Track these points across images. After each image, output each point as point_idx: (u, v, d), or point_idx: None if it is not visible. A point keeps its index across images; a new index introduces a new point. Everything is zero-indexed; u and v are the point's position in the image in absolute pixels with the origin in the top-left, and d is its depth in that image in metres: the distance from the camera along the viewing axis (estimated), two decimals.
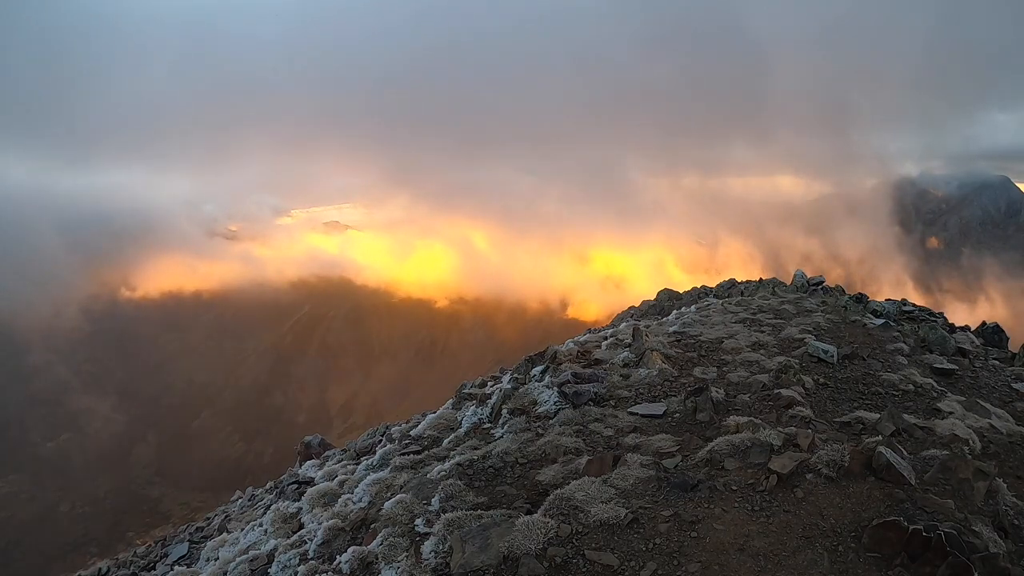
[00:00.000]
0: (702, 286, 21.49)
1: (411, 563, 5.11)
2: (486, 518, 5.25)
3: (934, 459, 5.57)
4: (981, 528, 4.63)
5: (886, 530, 4.44)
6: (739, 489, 5.28)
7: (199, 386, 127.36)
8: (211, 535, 9.90)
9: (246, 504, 11.68)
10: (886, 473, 5.08)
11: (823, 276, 16.26)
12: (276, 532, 7.49)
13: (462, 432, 8.46)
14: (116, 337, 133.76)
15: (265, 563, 6.66)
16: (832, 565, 4.39)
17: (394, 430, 11.07)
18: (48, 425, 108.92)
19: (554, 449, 6.70)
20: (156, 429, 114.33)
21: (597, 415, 7.54)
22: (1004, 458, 6.44)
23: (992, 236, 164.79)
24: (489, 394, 9.59)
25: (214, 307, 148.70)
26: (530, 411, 8.11)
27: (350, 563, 5.48)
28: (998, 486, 5.18)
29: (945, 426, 6.78)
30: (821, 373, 8.66)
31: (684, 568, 4.50)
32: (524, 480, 6.25)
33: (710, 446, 5.95)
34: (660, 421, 7.29)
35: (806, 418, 6.97)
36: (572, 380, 8.52)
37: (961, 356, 10.49)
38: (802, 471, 5.31)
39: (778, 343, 10.15)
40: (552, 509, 5.24)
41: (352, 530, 6.43)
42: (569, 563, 4.65)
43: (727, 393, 7.92)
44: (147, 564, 10.12)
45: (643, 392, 8.26)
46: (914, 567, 4.25)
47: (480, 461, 6.59)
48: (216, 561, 7.49)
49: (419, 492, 6.40)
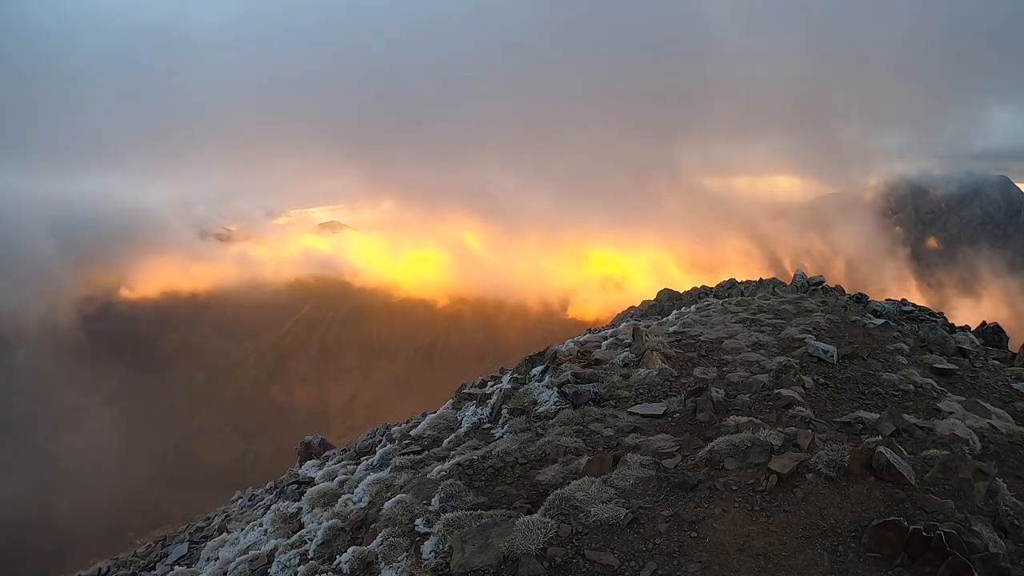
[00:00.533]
0: (702, 286, 21.48)
1: (411, 563, 5.11)
2: (486, 518, 5.25)
3: (934, 459, 5.57)
4: (981, 528, 4.63)
5: (886, 530, 4.44)
6: (739, 489, 5.28)
7: (199, 386, 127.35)
8: (211, 535, 9.90)
9: (246, 504, 11.68)
10: (886, 473, 5.08)
11: (823, 276, 16.26)
12: (276, 532, 7.49)
13: (462, 432, 8.46)
14: (116, 337, 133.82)
15: (265, 563, 6.65)
16: (832, 565, 4.39)
17: (394, 430, 11.07)
18: (48, 425, 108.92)
19: (554, 449, 6.70)
20: (156, 429, 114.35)
21: (597, 415, 7.53)
22: (1004, 458, 6.44)
23: (992, 236, 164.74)
24: (489, 394, 9.59)
25: (214, 307, 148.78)
26: (530, 411, 8.10)
27: (350, 563, 5.48)
28: (998, 486, 5.18)
29: (945, 426, 6.78)
30: (821, 373, 8.66)
31: (684, 568, 4.50)
32: (524, 480, 6.25)
33: (710, 446, 5.95)
34: (660, 421, 7.29)
35: (806, 418, 6.97)
36: (572, 380, 8.52)
37: (961, 356, 10.49)
38: (802, 471, 5.31)
39: (778, 343, 10.15)
40: (552, 509, 5.24)
41: (352, 530, 6.44)
42: (569, 563, 4.65)
43: (727, 393, 7.92)
44: (147, 564, 10.11)
45: (643, 392, 8.26)
46: (914, 567, 4.25)
47: (480, 461, 6.59)
48: (216, 561, 7.48)
49: (419, 492, 6.40)
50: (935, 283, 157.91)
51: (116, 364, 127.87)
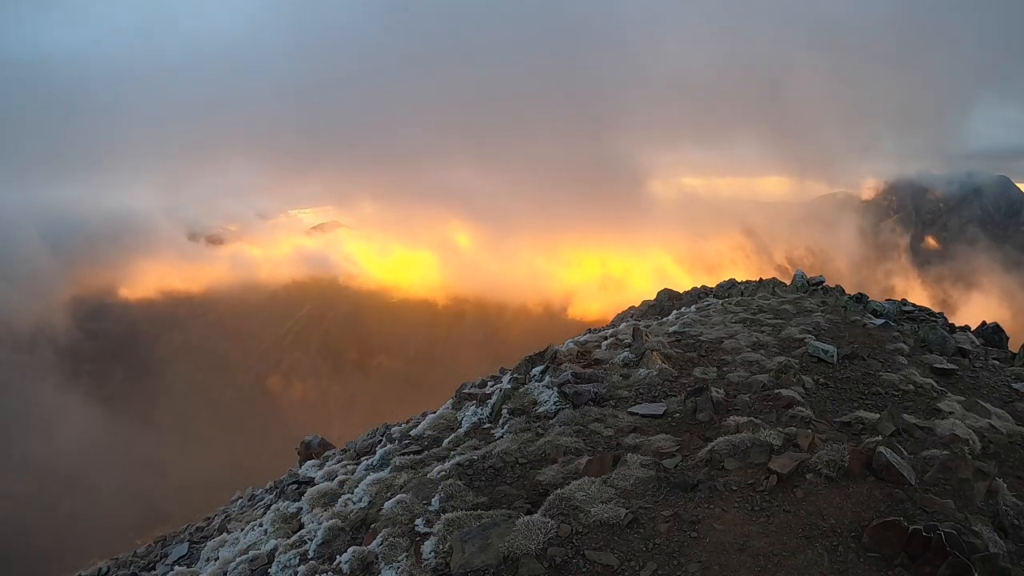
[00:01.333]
0: (702, 286, 21.48)
1: (411, 563, 5.11)
2: (486, 518, 5.24)
3: (934, 459, 5.57)
4: (981, 528, 4.63)
5: (886, 530, 4.44)
6: (739, 489, 5.28)
7: (199, 386, 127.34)
8: (211, 535, 9.89)
9: (246, 504, 11.68)
10: (886, 473, 5.08)
11: (823, 276, 16.26)
12: (276, 532, 7.48)
13: (462, 432, 8.46)
14: (115, 338, 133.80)
15: (265, 563, 6.65)
16: (832, 565, 4.38)
17: (394, 430, 11.07)
18: (47, 425, 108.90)
19: (554, 449, 6.70)
20: (156, 429, 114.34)
21: (597, 415, 7.53)
22: (1004, 458, 6.44)
23: (992, 236, 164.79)
24: (489, 394, 9.59)
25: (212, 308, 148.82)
26: (530, 411, 8.10)
27: (350, 563, 5.47)
28: (998, 486, 5.18)
29: (945, 426, 6.78)
30: (821, 373, 8.66)
31: (684, 568, 4.49)
32: (524, 480, 6.25)
33: (710, 446, 5.95)
34: (660, 421, 7.29)
35: (806, 418, 6.97)
36: (572, 380, 8.51)
37: (961, 356, 10.50)
38: (802, 471, 5.31)
39: (778, 343, 10.15)
40: (552, 509, 5.24)
41: (352, 530, 6.43)
42: (569, 563, 4.65)
43: (727, 393, 7.92)
44: (147, 564, 10.11)
45: (643, 392, 8.26)
46: (914, 567, 4.25)
47: (480, 461, 6.59)
48: (216, 561, 7.48)
49: (419, 492, 6.40)
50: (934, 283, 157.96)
51: (116, 364, 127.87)
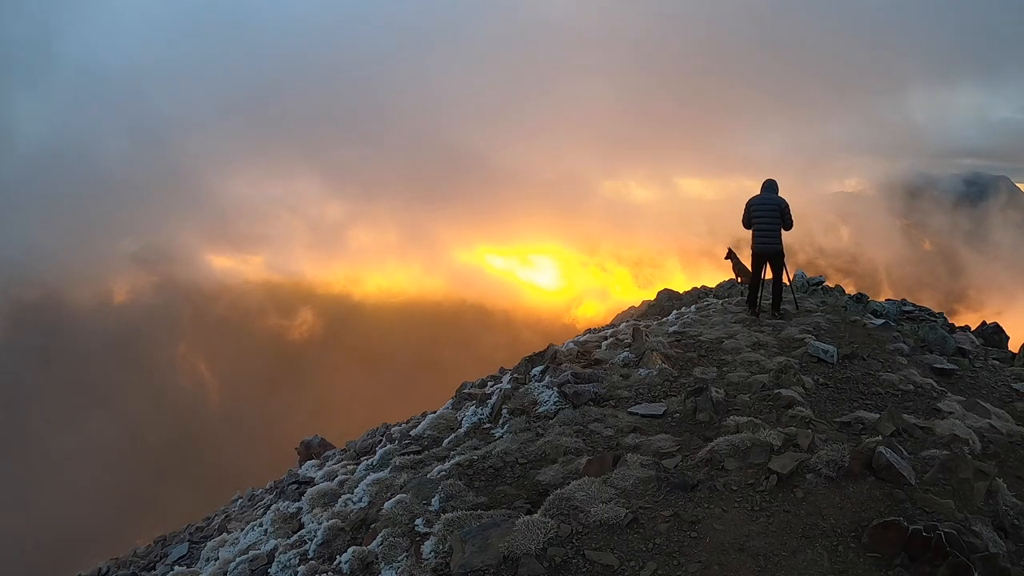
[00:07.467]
0: (702, 286, 21.49)
1: (411, 563, 5.11)
2: (486, 518, 5.24)
3: (934, 459, 5.57)
4: (981, 528, 4.63)
5: (886, 530, 4.45)
6: (739, 489, 5.28)
7: (199, 386, 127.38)
8: (211, 535, 9.89)
9: (246, 504, 11.68)
10: (886, 473, 5.08)
11: (823, 276, 16.28)
12: (276, 532, 7.48)
13: (462, 432, 8.46)
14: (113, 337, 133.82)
15: (265, 563, 6.65)
16: (832, 565, 4.39)
17: (394, 430, 11.07)
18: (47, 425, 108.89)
19: (554, 449, 6.70)
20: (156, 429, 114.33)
21: (597, 415, 7.53)
22: (1004, 458, 6.44)
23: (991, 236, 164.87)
24: (489, 394, 9.59)
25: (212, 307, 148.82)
26: (530, 411, 8.10)
27: (350, 563, 5.48)
28: (998, 486, 5.18)
29: (945, 426, 6.78)
30: (821, 373, 8.66)
31: (684, 568, 4.50)
32: (524, 480, 6.25)
33: (710, 446, 5.95)
34: (660, 421, 7.29)
35: (806, 418, 6.97)
36: (572, 380, 8.52)
37: (961, 356, 10.50)
38: (802, 471, 5.31)
39: (778, 343, 10.15)
40: (552, 509, 5.24)
41: (352, 530, 6.43)
42: (569, 563, 4.65)
43: (727, 393, 7.92)
44: (147, 564, 10.11)
45: (643, 392, 8.26)
46: (914, 567, 4.26)
47: (480, 461, 6.59)
48: (216, 561, 7.48)
49: (419, 492, 6.40)
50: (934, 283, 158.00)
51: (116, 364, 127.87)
